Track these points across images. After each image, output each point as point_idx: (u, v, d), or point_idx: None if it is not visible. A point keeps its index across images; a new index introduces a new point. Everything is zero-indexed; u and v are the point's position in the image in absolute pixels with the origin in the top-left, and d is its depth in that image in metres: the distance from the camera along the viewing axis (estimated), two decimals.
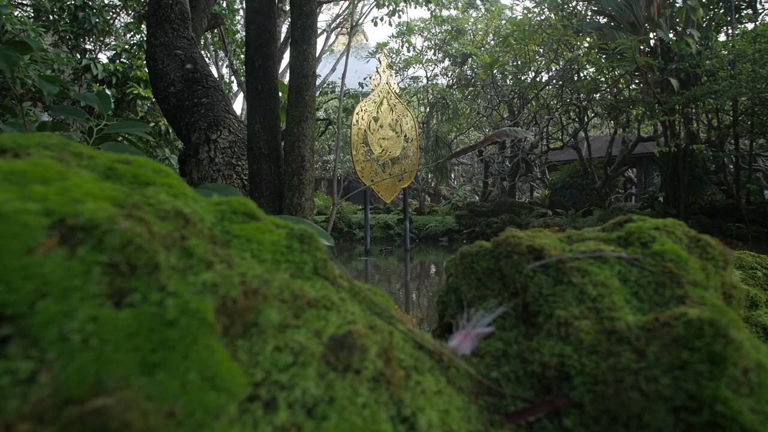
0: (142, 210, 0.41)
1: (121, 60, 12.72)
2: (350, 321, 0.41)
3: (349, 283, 0.50)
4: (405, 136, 10.64)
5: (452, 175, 23.48)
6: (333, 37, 20.72)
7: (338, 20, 19.00)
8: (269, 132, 2.11)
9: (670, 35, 10.94)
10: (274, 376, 0.34)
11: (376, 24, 11.53)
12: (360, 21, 18.19)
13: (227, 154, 2.68)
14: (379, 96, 10.65)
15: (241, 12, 18.12)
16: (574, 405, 0.42)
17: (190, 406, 0.29)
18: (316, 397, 0.34)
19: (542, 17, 13.32)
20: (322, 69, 23.13)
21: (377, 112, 10.63)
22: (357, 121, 10.29)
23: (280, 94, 3.78)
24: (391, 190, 10.51)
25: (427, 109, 16.76)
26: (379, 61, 10.65)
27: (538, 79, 13.76)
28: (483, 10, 16.66)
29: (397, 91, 10.72)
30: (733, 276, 0.55)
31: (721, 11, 11.18)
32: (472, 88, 15.82)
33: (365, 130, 10.40)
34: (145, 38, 15.42)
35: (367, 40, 27.85)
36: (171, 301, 0.32)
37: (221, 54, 18.13)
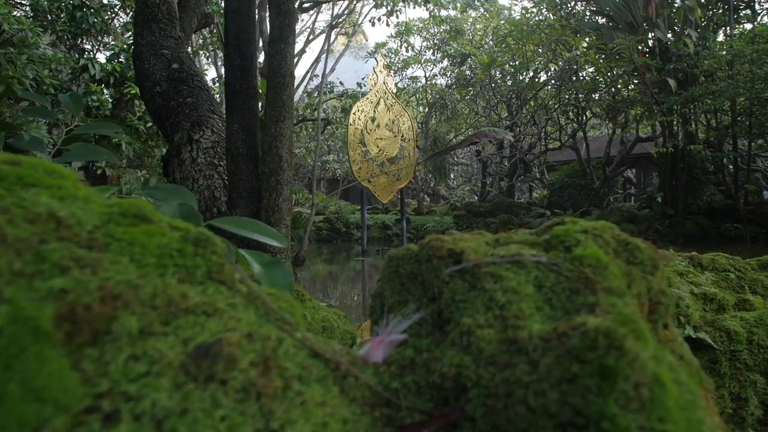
0: (9, 213, 0.39)
1: (119, 60, 12.71)
2: (230, 328, 0.39)
3: (248, 288, 0.48)
4: (402, 136, 10.62)
5: (452, 176, 23.47)
6: (333, 36, 20.70)
7: (338, 20, 18.98)
8: (247, 132, 2.09)
9: (669, 35, 10.90)
10: (123, 386, 0.32)
11: (373, 24, 11.50)
12: (359, 21, 18.19)
13: (209, 155, 2.66)
14: (376, 96, 10.63)
15: None
16: (468, 419, 0.40)
17: (4, 420, 0.27)
18: (167, 409, 0.32)
19: (541, 17, 13.29)
20: (320, 69, 23.11)
21: (374, 112, 10.61)
22: (354, 121, 10.28)
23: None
24: (388, 191, 10.49)
25: (426, 110, 16.74)
26: (377, 61, 10.63)
27: (536, 79, 13.73)
28: (482, 11, 16.63)
29: (395, 91, 10.70)
30: (663, 281, 0.52)
31: (720, 11, 11.14)
32: (471, 89, 15.80)
33: (362, 130, 10.38)
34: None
35: (366, 40, 27.82)
36: (3, 309, 0.30)
37: (220, 54, 18.11)
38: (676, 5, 11.19)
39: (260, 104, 2.83)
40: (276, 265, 0.90)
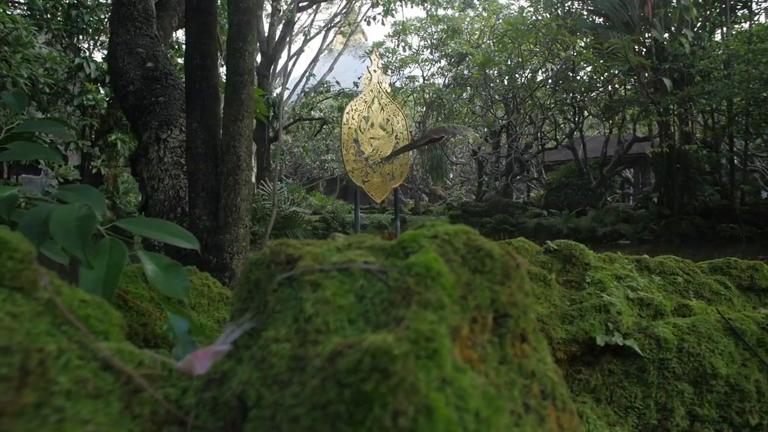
0: None
1: None
2: None
3: (50, 295, 0.44)
4: (396, 135, 10.58)
5: (450, 175, 23.42)
6: (331, 35, 20.66)
7: (335, 20, 18.93)
8: (207, 131, 2.06)
9: (665, 35, 10.83)
10: None
11: (368, 23, 11.46)
12: (357, 20, 18.13)
13: (176, 154, 2.63)
14: (370, 95, 10.60)
15: None
16: None
17: None
18: None
19: (538, 17, 13.23)
20: (321, 68, 23.09)
21: (368, 112, 10.57)
22: (347, 120, 10.25)
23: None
24: (382, 190, 10.45)
25: (424, 109, 16.70)
26: (371, 60, 10.60)
27: (533, 79, 13.67)
28: (480, 10, 16.57)
29: (389, 90, 10.66)
30: (517, 291, 0.48)
31: (716, 12, 11.07)
32: (469, 88, 15.74)
33: (356, 130, 10.35)
34: None
35: (366, 40, 27.77)
36: None
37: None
38: (672, 5, 11.11)
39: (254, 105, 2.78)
40: (174, 268, 0.87)
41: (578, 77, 12.84)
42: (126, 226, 0.94)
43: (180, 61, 14.97)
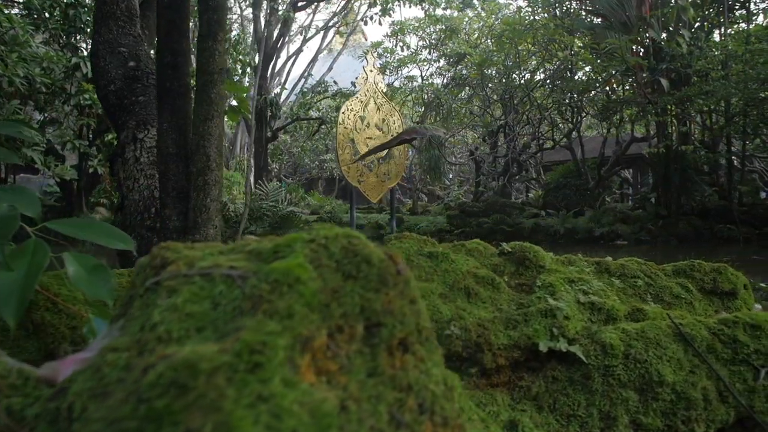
0: None
1: None
2: None
3: None
4: (392, 135, 10.57)
5: (450, 175, 23.39)
6: (330, 35, 20.65)
7: (335, 19, 18.92)
8: (177, 131, 2.03)
9: (663, 35, 10.78)
10: None
11: (366, 23, 11.43)
12: (356, 20, 18.10)
13: (153, 154, 2.60)
14: (366, 95, 10.59)
15: (233, 10, 18.12)
16: None
17: None
18: None
19: (537, 17, 13.19)
20: (321, 68, 23.07)
21: (364, 112, 10.56)
22: (343, 120, 10.24)
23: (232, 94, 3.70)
24: (378, 190, 10.43)
25: (422, 109, 16.66)
26: (367, 61, 10.58)
27: (531, 79, 13.63)
28: (479, 10, 16.53)
29: (385, 90, 10.64)
30: (395, 300, 0.46)
31: (714, 12, 11.02)
32: (468, 88, 15.70)
33: (352, 130, 10.34)
34: None
35: (366, 40, 27.74)
36: None
37: None
38: (671, 4, 11.06)
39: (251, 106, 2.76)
40: (99, 270, 0.84)
41: (576, 77, 12.80)
42: (55, 226, 0.92)
43: None
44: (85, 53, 12.67)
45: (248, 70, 14.97)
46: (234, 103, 3.60)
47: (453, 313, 0.93)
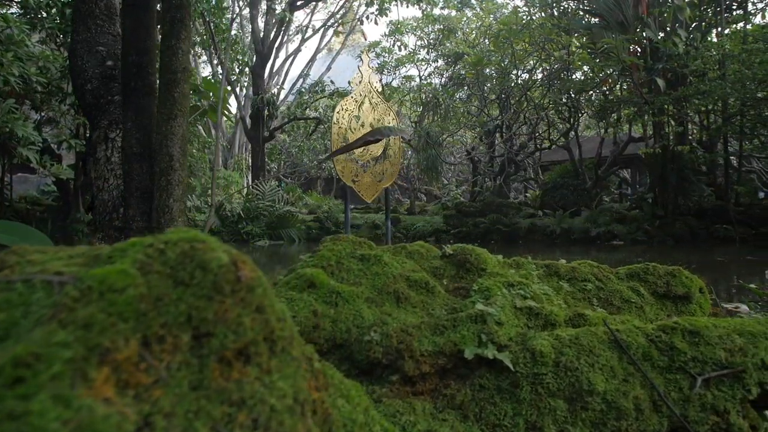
0: None
1: None
2: None
3: None
4: None
5: (449, 175, 23.34)
6: (329, 35, 20.60)
7: (333, 18, 18.87)
8: (142, 131, 2.01)
9: (661, 35, 10.72)
10: None
11: (361, 22, 11.38)
12: (356, 20, 18.06)
13: None
14: (360, 95, 10.55)
15: (230, 10, 18.07)
16: None
17: None
18: None
19: (535, 16, 13.14)
20: (320, 68, 23.03)
21: (359, 111, 10.52)
22: (337, 120, 10.19)
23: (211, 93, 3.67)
24: (372, 190, 10.38)
25: (420, 109, 16.63)
26: (362, 60, 10.54)
27: (526, 78, 13.58)
28: (478, 9, 16.48)
29: (380, 89, 10.60)
30: (232, 308, 0.43)
31: (711, 12, 10.95)
32: (466, 88, 15.65)
33: (346, 130, 10.30)
34: None
35: (365, 39, 27.70)
36: None
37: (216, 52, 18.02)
38: (669, 4, 10.99)
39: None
40: None
41: (573, 77, 12.75)
42: None
43: None
44: None
45: (246, 69, 14.96)
46: (234, 105, 3.59)
47: (376, 318, 0.90)
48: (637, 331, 0.94)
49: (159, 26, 4.01)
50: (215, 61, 20.17)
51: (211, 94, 3.43)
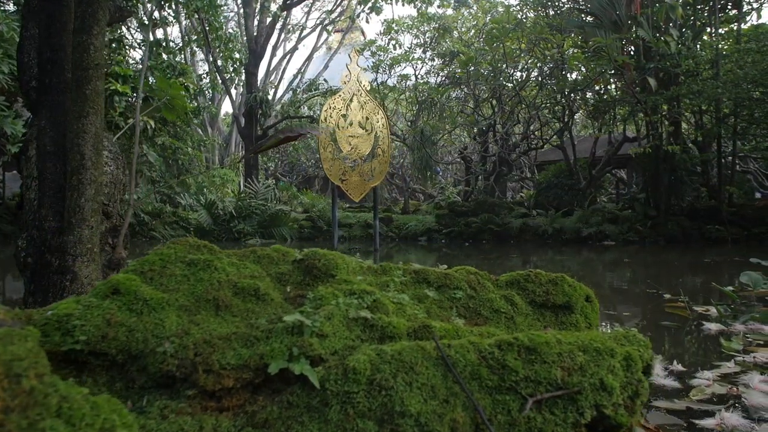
0: None
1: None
2: None
3: None
4: (376, 134, 10.47)
5: (447, 175, 23.24)
6: (325, 34, 20.52)
7: (329, 17, 18.79)
8: (56, 129, 1.95)
9: (656, 34, 10.59)
10: None
11: (353, 20, 11.30)
12: (347, 18, 17.98)
13: None
14: (348, 93, 10.51)
15: (225, 8, 18.06)
16: None
17: None
18: None
19: (528, 14, 13.03)
20: (318, 67, 22.98)
21: (347, 110, 10.48)
22: (325, 118, 10.17)
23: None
24: (360, 189, 10.34)
25: (415, 108, 16.54)
26: (350, 58, 10.50)
27: (519, 77, 13.47)
28: (475, 8, 16.36)
29: (369, 88, 10.54)
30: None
31: (705, 12, 10.81)
32: (462, 88, 15.55)
33: (334, 128, 10.27)
34: (124, 33, 15.28)
35: (365, 38, 27.61)
36: None
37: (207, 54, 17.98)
38: (664, 3, 10.85)
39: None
40: None
41: (567, 75, 12.63)
42: None
43: (166, 58, 14.84)
44: None
45: (240, 67, 14.93)
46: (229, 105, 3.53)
47: (179, 328, 0.84)
48: (470, 347, 0.87)
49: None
50: (211, 59, 20.18)
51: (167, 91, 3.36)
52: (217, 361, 0.80)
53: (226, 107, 22.82)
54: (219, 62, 15.02)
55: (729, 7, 10.88)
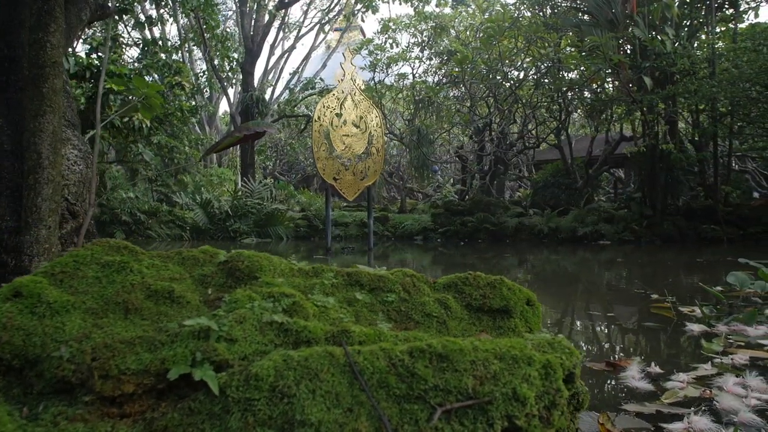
0: None
1: (99, 54, 12.69)
2: None
3: None
4: (370, 132, 10.45)
5: (445, 174, 23.18)
6: (325, 32, 20.49)
7: (327, 16, 18.76)
8: (13, 127, 1.93)
9: (653, 32, 10.53)
10: None
11: (349, 19, 11.26)
12: (344, 17, 17.93)
13: None
14: (342, 92, 10.49)
15: (222, 6, 18.04)
16: None
17: None
18: None
19: (525, 13, 12.98)
20: (316, 66, 22.95)
21: (341, 109, 10.46)
22: (319, 117, 10.15)
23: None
24: (354, 188, 10.31)
25: (413, 107, 16.50)
26: (344, 57, 10.47)
27: (514, 76, 13.42)
28: (473, 7, 16.30)
29: (363, 86, 10.50)
30: None
31: (702, 11, 10.74)
32: (460, 86, 15.50)
33: (328, 127, 10.25)
34: (119, 32, 15.25)
35: (364, 37, 27.57)
36: None
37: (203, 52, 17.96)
38: (660, 2, 10.79)
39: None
40: None
41: (564, 74, 12.57)
42: None
43: (163, 56, 14.83)
44: (69, 50, 12.65)
45: (236, 66, 14.90)
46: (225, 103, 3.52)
47: (81, 332, 0.81)
48: (381, 354, 0.85)
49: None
50: (208, 58, 20.15)
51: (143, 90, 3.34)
52: (115, 366, 0.78)
53: (225, 106, 22.81)
54: (216, 61, 15.00)
55: (726, 6, 10.81)
